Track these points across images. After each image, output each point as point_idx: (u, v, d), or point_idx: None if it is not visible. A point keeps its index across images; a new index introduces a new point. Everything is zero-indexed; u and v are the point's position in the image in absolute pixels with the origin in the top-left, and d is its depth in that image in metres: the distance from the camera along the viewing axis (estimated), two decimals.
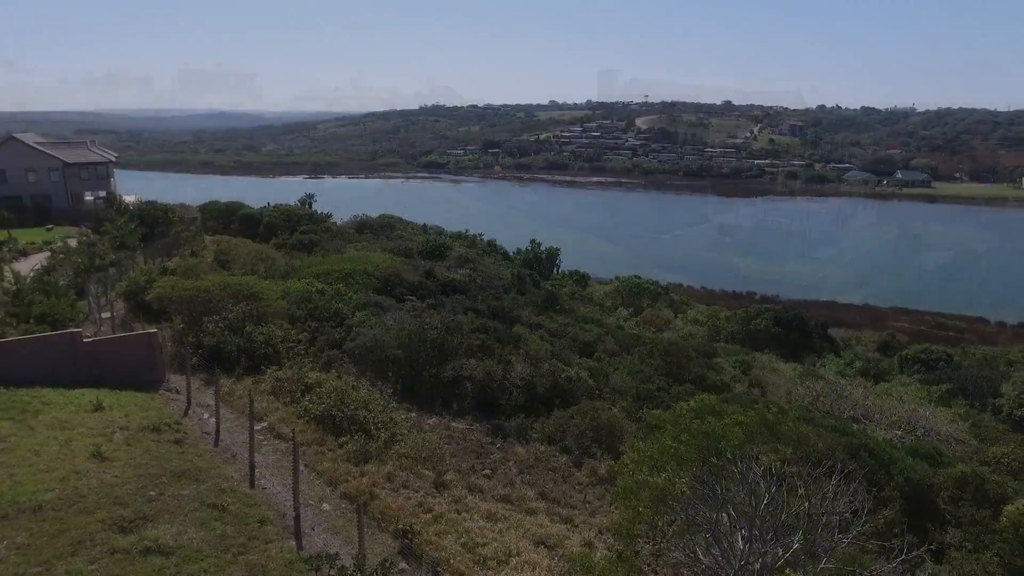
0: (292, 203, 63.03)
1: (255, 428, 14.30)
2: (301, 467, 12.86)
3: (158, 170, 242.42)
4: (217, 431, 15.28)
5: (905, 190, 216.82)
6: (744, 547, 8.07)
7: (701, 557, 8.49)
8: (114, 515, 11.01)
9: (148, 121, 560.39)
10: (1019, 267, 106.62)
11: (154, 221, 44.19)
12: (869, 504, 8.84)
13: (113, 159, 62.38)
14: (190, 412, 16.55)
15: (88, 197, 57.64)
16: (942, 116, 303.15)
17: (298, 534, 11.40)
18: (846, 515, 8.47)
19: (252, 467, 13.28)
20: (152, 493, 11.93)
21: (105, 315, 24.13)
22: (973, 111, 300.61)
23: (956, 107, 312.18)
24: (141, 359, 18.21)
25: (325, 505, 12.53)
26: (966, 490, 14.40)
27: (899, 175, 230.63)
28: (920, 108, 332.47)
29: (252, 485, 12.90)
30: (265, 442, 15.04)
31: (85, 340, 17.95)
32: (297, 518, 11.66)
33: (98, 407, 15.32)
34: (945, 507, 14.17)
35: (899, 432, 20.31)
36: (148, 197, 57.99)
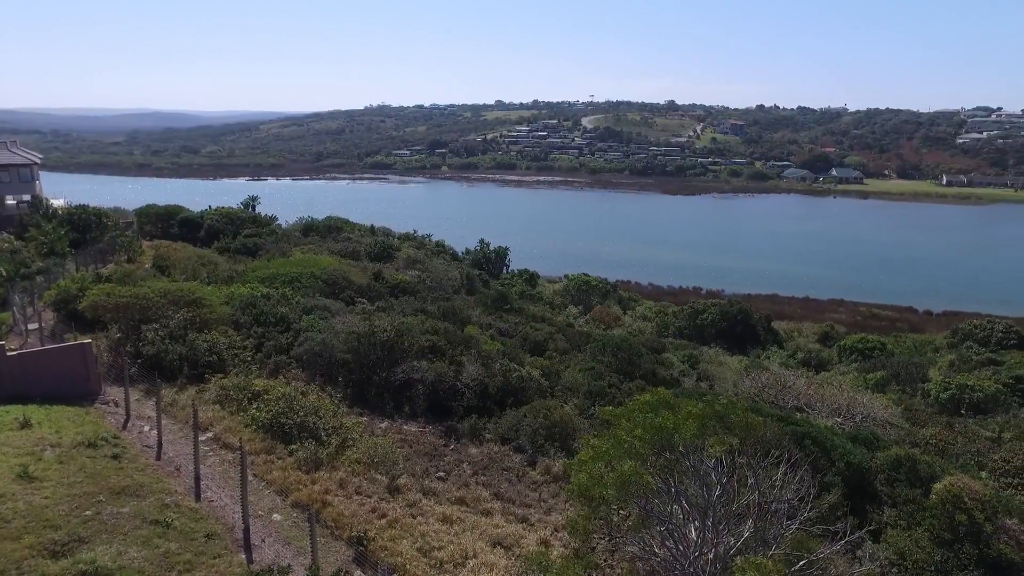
0: (235, 206, 61.31)
1: (200, 439, 13.82)
2: (250, 477, 12.48)
3: (89, 172, 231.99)
4: (159, 444, 14.69)
5: (840, 187, 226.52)
6: (697, 538, 8.25)
7: (656, 550, 8.63)
8: (44, 539, 10.35)
9: (75, 120, 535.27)
10: (942, 259, 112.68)
11: (86, 226, 42.21)
12: (814, 490, 9.18)
13: (37, 161, 59.18)
14: (129, 425, 15.86)
15: (10, 201, 54.49)
16: (871, 116, 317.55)
17: (248, 547, 11.05)
18: (793, 502, 8.75)
19: (197, 479, 12.82)
20: (87, 513, 11.33)
21: (32, 326, 22.92)
22: (899, 112, 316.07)
23: (884, 108, 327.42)
24: (74, 372, 17.34)
25: (276, 515, 12.19)
26: (900, 471, 15.09)
27: (834, 172, 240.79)
28: (852, 108, 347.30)
29: (198, 498, 12.45)
30: (211, 453, 14.54)
31: (9, 353, 16.99)
32: (246, 530, 11.30)
33: (25, 424, 14.48)
34: (882, 488, 14.81)
35: (839, 419, 21.14)
36: (78, 201, 55.33)
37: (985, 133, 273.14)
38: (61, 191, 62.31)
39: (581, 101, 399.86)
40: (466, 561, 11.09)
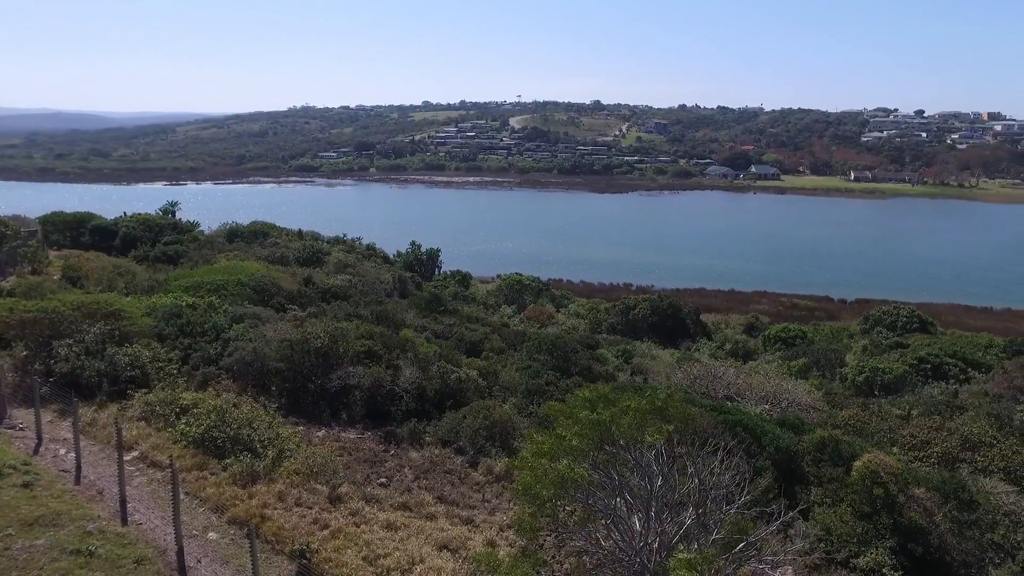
0: (152, 212, 58.39)
1: (125, 458, 13.11)
2: (182, 495, 11.93)
3: None
4: (78, 467, 13.80)
5: (759, 183, 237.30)
6: (641, 528, 8.47)
7: (602, 542, 8.81)
8: None
9: None
10: (852, 250, 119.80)
11: None
12: (748, 475, 9.59)
13: None
14: (42, 450, 14.81)
15: None
16: (785, 116, 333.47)
17: (182, 569, 10.57)
18: (731, 488, 9.11)
19: (123, 502, 12.16)
20: None
21: None
22: (810, 111, 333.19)
23: (796, 108, 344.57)
24: None
25: (211, 534, 11.71)
26: (824, 452, 15.98)
27: (753, 169, 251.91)
28: (767, 108, 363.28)
29: (124, 522, 11.80)
30: (138, 473, 13.80)
31: None
32: (180, 552, 10.81)
33: None
34: (808, 469, 15.65)
35: (767, 406, 22.10)
36: None
37: (885, 132, 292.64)
38: None
39: (508, 101, 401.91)
40: (413, 567, 11.00)
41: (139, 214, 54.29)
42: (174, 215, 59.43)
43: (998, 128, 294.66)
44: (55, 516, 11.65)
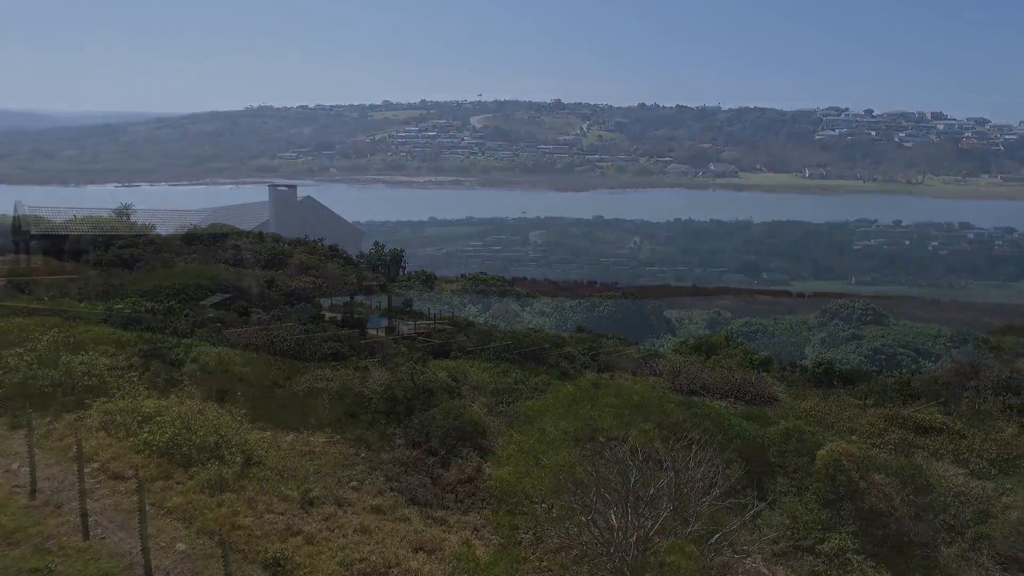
0: (105, 215, 56.50)
1: (85, 471, 12.67)
2: (147, 506, 11.59)
3: None
4: (33, 482, 13.23)
5: (719, 180, 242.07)
6: (619, 523, 8.58)
7: (580, 538, 8.88)
8: None
9: None
10: (811, 246, 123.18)
11: None
12: (720, 467, 9.79)
13: None
14: None
15: None
16: (742, 114, 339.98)
17: None
18: (705, 480, 9.28)
19: (84, 516, 11.72)
20: None
21: None
22: (766, 110, 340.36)
23: (752, 107, 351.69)
24: None
25: (180, 545, 11.39)
26: (789, 443, 16.38)
27: (712, 167, 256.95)
28: (725, 107, 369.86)
29: (86, 537, 11.39)
30: (99, 485, 13.33)
31: None
32: (147, 565, 10.50)
33: None
34: (775, 460, 16.02)
35: (732, 399, 22.56)
36: None
37: (837, 131, 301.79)
38: None
39: (469, 100, 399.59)
40: (389, 570, 10.91)
41: (91, 217, 52.49)
42: (128, 218, 57.62)
43: (941, 127, 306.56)
44: (9, 534, 11.18)
